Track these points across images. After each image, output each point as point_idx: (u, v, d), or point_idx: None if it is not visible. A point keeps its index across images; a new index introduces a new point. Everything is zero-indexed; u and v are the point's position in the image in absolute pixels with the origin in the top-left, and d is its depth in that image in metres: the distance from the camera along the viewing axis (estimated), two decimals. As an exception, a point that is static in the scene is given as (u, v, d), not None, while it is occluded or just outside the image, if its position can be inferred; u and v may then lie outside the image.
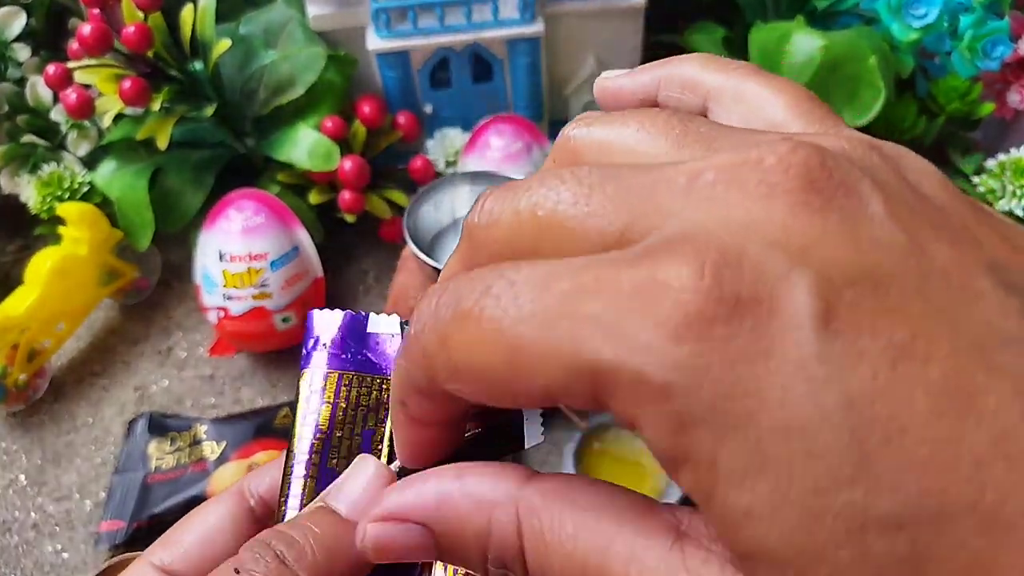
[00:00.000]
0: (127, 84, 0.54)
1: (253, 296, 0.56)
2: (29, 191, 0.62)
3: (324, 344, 0.21)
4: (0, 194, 0.66)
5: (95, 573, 0.49)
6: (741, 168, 0.14)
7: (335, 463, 0.20)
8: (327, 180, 0.62)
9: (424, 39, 0.62)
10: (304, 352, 0.21)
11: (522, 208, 0.15)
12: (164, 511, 0.51)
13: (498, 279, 0.14)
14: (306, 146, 0.61)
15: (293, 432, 0.21)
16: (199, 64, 0.58)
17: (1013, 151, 0.61)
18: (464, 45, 0.63)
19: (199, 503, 0.55)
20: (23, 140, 0.63)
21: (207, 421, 0.56)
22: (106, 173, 0.63)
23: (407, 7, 0.61)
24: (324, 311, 0.22)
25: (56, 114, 0.64)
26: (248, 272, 0.55)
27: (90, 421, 0.59)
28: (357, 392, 0.21)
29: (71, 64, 0.56)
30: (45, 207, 0.61)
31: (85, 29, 0.54)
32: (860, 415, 0.12)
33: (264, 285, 0.56)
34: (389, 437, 0.21)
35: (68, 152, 0.64)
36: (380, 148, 0.64)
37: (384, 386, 0.21)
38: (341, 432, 0.20)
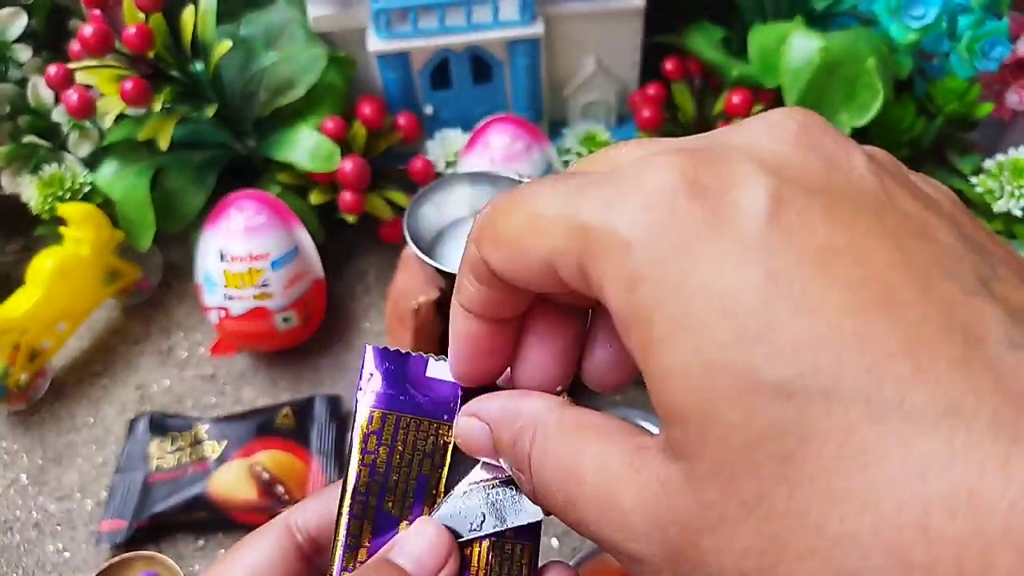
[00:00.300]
0: (128, 85, 0.55)
1: (254, 296, 0.56)
2: (30, 191, 0.62)
3: (382, 382, 0.21)
4: (1, 194, 0.66)
5: (96, 572, 0.49)
6: (751, 120, 0.17)
7: (390, 506, 0.21)
8: (328, 181, 0.63)
9: (424, 40, 0.62)
10: (359, 387, 0.21)
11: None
12: (165, 510, 0.51)
13: (541, 181, 0.18)
14: (307, 147, 0.61)
15: (347, 471, 0.21)
16: (200, 65, 0.58)
17: (1011, 151, 0.61)
18: (464, 46, 0.63)
19: (200, 503, 0.55)
20: (24, 141, 0.63)
21: (208, 421, 0.56)
22: (107, 174, 0.63)
23: (407, 8, 0.61)
24: (384, 348, 0.21)
25: (57, 115, 0.64)
26: (249, 272, 0.56)
27: (91, 421, 0.59)
28: (415, 437, 0.21)
29: (72, 65, 0.57)
30: (46, 207, 0.61)
31: (86, 30, 0.54)
32: (777, 288, 0.14)
33: (265, 285, 0.56)
34: (445, 482, 0.21)
35: (69, 153, 0.64)
36: (380, 149, 0.65)
37: (440, 431, 0.21)
38: (397, 476, 0.21)
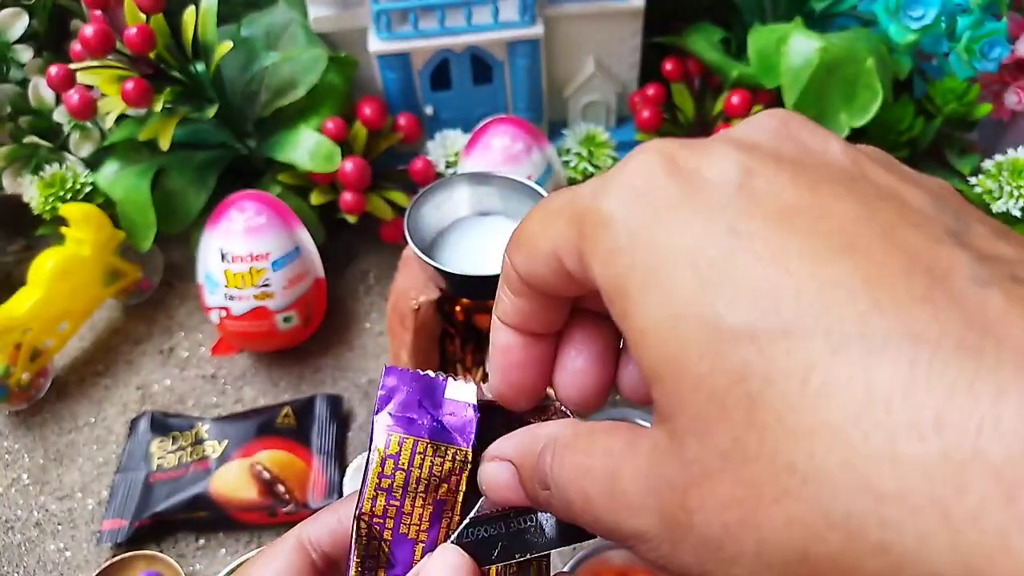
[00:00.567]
0: (129, 85, 0.55)
1: (255, 296, 0.56)
2: (32, 192, 0.62)
3: (399, 404, 0.21)
4: (3, 194, 0.66)
5: (97, 572, 0.49)
6: (740, 122, 0.18)
7: (406, 530, 0.21)
8: (328, 181, 0.63)
9: (425, 41, 0.63)
10: (377, 409, 0.21)
11: None
12: (166, 510, 0.52)
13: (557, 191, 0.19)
14: (307, 147, 0.61)
15: (363, 492, 0.21)
16: (201, 65, 0.59)
17: (1010, 152, 0.61)
18: (464, 47, 0.63)
19: (201, 502, 0.55)
20: (25, 141, 0.64)
21: (209, 420, 0.56)
22: (108, 174, 0.63)
23: (408, 9, 0.61)
24: (402, 370, 0.22)
25: (58, 115, 0.64)
26: (250, 272, 0.56)
27: (92, 420, 0.59)
28: (431, 462, 0.21)
29: (73, 65, 0.57)
30: (47, 208, 0.61)
31: (87, 30, 0.54)
32: (739, 241, 0.14)
33: (266, 285, 0.56)
34: (461, 505, 0.21)
35: (70, 153, 0.64)
36: (381, 149, 0.65)
37: (458, 457, 0.21)
38: (413, 500, 0.21)
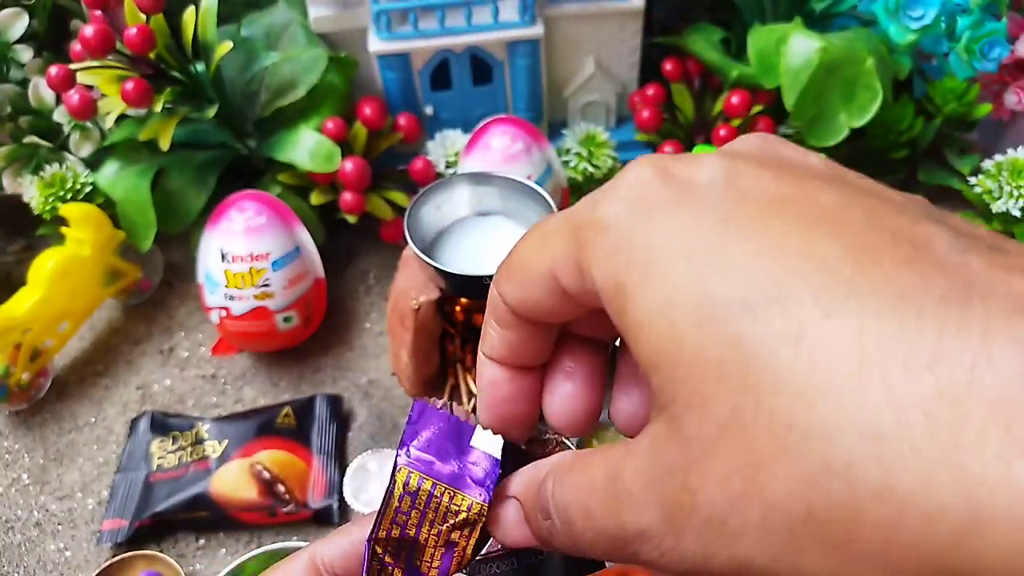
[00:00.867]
0: (129, 85, 0.55)
1: (255, 296, 0.56)
2: (32, 192, 0.62)
3: (425, 442, 0.21)
4: (3, 194, 0.66)
5: (97, 571, 0.49)
6: (732, 142, 0.19)
7: (419, 563, 0.22)
8: (328, 181, 0.63)
9: (424, 41, 0.63)
10: (403, 442, 0.21)
11: None
12: (166, 510, 0.52)
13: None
14: (307, 147, 0.61)
15: (379, 519, 0.21)
16: (201, 66, 0.59)
17: (1010, 152, 0.61)
18: (464, 47, 0.63)
19: (201, 502, 0.55)
20: (26, 141, 0.64)
21: (209, 420, 0.56)
22: (108, 174, 0.63)
23: (408, 9, 0.61)
24: (432, 407, 0.22)
25: (59, 115, 0.64)
26: (250, 272, 0.56)
27: (92, 420, 0.59)
28: (447, 507, 0.21)
29: (73, 65, 0.57)
30: (48, 208, 0.61)
31: (87, 31, 0.54)
32: (729, 227, 0.15)
33: (266, 285, 0.56)
34: (473, 547, 0.22)
35: (70, 153, 0.64)
36: (381, 149, 0.65)
37: (473, 509, 0.21)
38: (426, 538, 0.21)
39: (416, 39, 0.63)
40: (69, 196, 0.61)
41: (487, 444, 0.22)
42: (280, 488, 0.52)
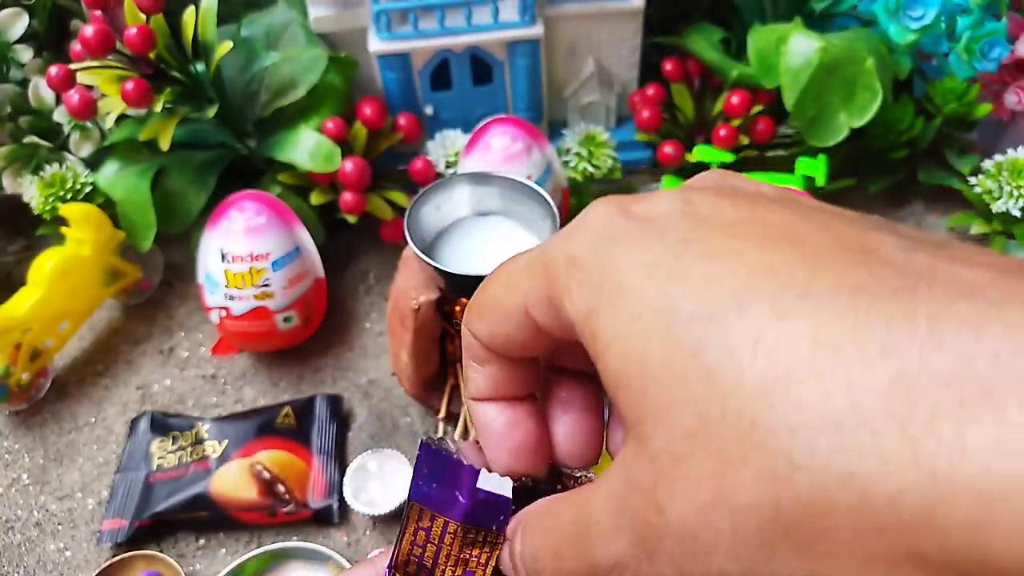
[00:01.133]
0: (129, 85, 0.55)
1: (255, 296, 0.56)
2: (32, 192, 0.62)
3: (435, 485, 0.21)
4: (3, 194, 0.66)
5: (97, 571, 0.49)
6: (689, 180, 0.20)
7: None
8: (328, 181, 0.63)
9: (424, 41, 0.63)
10: (415, 479, 0.21)
11: None
12: (166, 510, 0.52)
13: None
14: (307, 147, 0.61)
15: (396, 549, 0.22)
16: (201, 66, 0.59)
17: (1010, 152, 0.61)
18: (464, 47, 0.63)
19: (201, 502, 0.55)
20: (26, 141, 0.64)
21: (209, 420, 0.56)
22: (108, 174, 0.63)
23: (408, 9, 0.61)
24: (437, 450, 0.22)
25: (59, 115, 0.64)
26: (250, 272, 0.56)
27: (92, 420, 0.59)
28: (462, 542, 0.21)
29: (73, 65, 0.57)
30: (48, 208, 0.61)
31: (87, 31, 0.54)
32: (689, 247, 0.16)
33: (266, 285, 0.56)
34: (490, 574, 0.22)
35: (70, 153, 0.64)
36: (381, 149, 0.65)
37: (488, 538, 0.21)
38: (443, 570, 0.22)
39: (416, 39, 0.63)
40: (69, 196, 0.61)
41: (495, 486, 0.21)
42: (280, 488, 0.52)
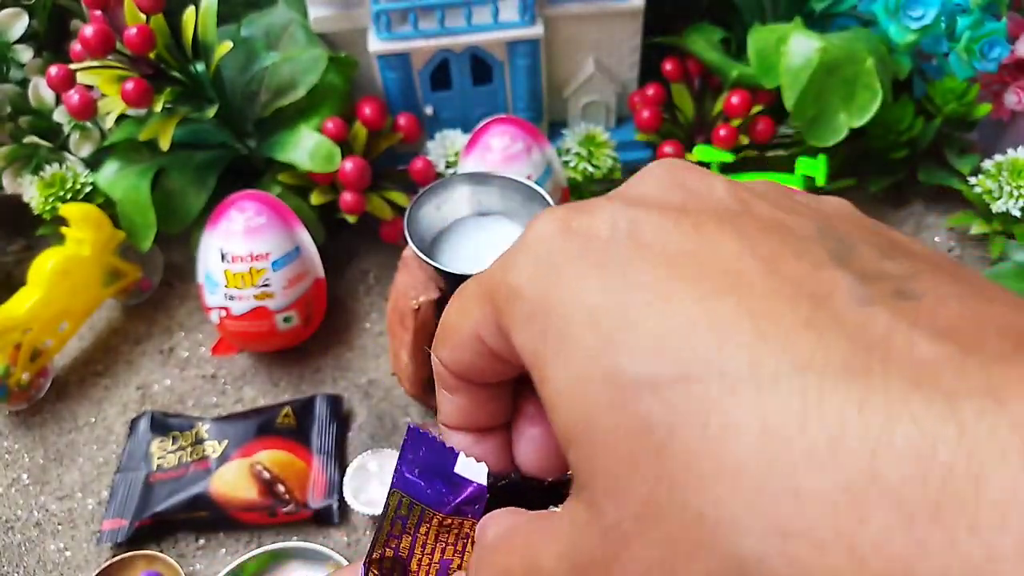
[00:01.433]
0: (129, 85, 0.55)
1: (255, 296, 0.56)
2: (32, 192, 0.62)
3: (415, 470, 0.21)
4: (3, 194, 0.66)
5: (97, 572, 0.49)
6: (637, 173, 0.19)
7: None
8: (328, 181, 0.63)
9: (424, 41, 0.63)
10: (398, 467, 0.21)
11: None
12: (166, 510, 0.52)
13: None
14: (307, 147, 0.61)
15: (375, 542, 0.21)
16: (201, 66, 0.59)
17: (1010, 152, 0.61)
18: (464, 47, 0.63)
19: (201, 502, 0.55)
20: (25, 141, 0.64)
21: (209, 420, 0.56)
22: (108, 174, 0.63)
23: (408, 9, 0.61)
24: (424, 432, 0.22)
25: (58, 115, 0.64)
26: (250, 272, 0.56)
27: (92, 420, 0.59)
28: (438, 529, 0.21)
29: (73, 65, 0.57)
30: (47, 208, 0.61)
31: (87, 31, 0.54)
32: (632, 293, 0.15)
33: (266, 285, 0.56)
34: (467, 566, 0.21)
35: (70, 153, 0.64)
36: (381, 149, 0.65)
37: (464, 525, 0.21)
38: (420, 561, 0.21)
39: (416, 39, 0.63)
40: (69, 196, 0.61)
41: (473, 472, 0.21)
42: (280, 488, 0.52)
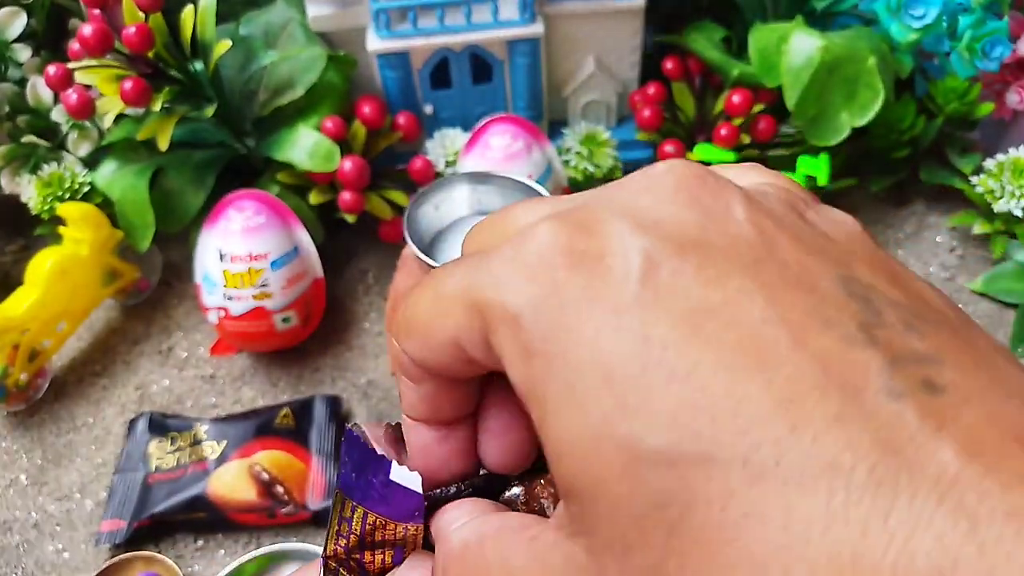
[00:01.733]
0: (128, 84, 0.55)
1: (253, 296, 0.56)
2: (30, 191, 0.62)
3: (355, 473, 0.21)
4: (1, 194, 0.66)
5: (96, 573, 0.49)
6: (635, 174, 0.17)
7: (371, 570, 0.22)
8: (327, 180, 0.63)
9: (424, 40, 0.62)
10: (340, 468, 0.21)
11: None
12: (164, 511, 0.51)
13: (446, 264, 0.18)
14: (306, 146, 0.61)
15: (327, 536, 0.21)
16: (199, 65, 0.58)
17: (1012, 151, 0.61)
18: (464, 46, 0.63)
19: (200, 503, 0.55)
20: (24, 140, 0.63)
21: (208, 421, 0.56)
22: (107, 173, 0.63)
23: (407, 8, 0.61)
24: (358, 438, 0.21)
25: (57, 114, 0.64)
26: (248, 272, 0.55)
27: (91, 421, 0.59)
28: (383, 533, 0.21)
29: (72, 65, 0.56)
30: (46, 207, 0.61)
31: (86, 30, 0.54)
32: (652, 354, 0.14)
33: (264, 285, 0.56)
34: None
35: (69, 152, 0.64)
36: (380, 148, 0.65)
37: (409, 528, 0.21)
38: (373, 552, 0.21)
39: (415, 37, 0.62)
40: (67, 196, 0.61)
41: (408, 480, 0.21)
42: (279, 489, 0.52)
